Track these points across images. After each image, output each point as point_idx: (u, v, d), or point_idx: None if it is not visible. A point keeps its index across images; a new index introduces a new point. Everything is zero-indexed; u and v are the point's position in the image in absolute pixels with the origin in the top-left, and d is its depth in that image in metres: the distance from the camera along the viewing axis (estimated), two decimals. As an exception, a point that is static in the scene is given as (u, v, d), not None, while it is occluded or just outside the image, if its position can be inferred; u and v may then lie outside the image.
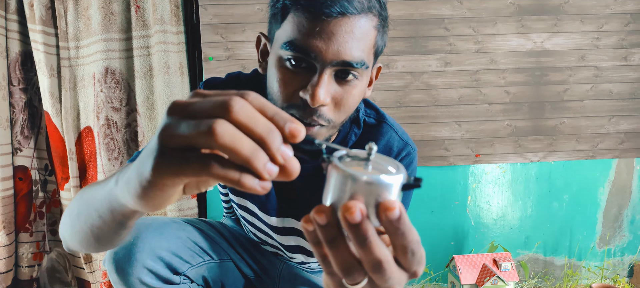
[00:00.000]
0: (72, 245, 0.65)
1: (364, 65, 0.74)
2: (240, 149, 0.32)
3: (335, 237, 0.36)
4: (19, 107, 1.72)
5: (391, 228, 0.35)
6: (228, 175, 0.33)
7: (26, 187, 1.75)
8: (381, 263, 0.36)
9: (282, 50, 0.73)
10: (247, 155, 0.33)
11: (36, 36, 1.64)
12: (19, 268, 1.77)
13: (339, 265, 0.37)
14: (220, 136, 0.32)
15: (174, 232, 0.95)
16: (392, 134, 0.91)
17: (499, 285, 1.66)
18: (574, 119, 1.92)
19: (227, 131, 0.32)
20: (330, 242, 0.36)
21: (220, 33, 1.77)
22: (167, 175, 0.35)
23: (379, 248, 0.35)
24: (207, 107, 0.34)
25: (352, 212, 0.34)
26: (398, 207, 0.34)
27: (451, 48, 1.85)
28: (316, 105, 0.71)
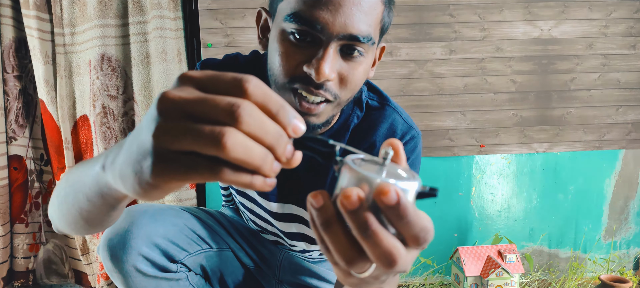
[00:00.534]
0: (61, 227, 0.63)
1: (370, 41, 0.71)
2: (252, 160, 0.32)
3: (329, 220, 0.35)
4: (13, 95, 1.69)
5: (394, 216, 0.33)
6: (240, 180, 0.32)
7: (21, 177, 1.73)
8: (390, 255, 0.33)
9: (285, 23, 0.70)
10: (258, 164, 0.32)
11: (30, 22, 1.60)
12: (14, 260, 1.75)
13: (339, 252, 0.35)
14: (232, 150, 0.31)
15: (170, 218, 0.93)
16: (396, 116, 0.88)
17: (503, 277, 1.64)
18: (581, 108, 1.89)
19: (239, 143, 0.31)
20: (324, 224, 0.35)
21: (219, 19, 1.73)
22: (173, 180, 0.33)
23: (385, 237, 0.33)
24: (211, 113, 0.32)
25: (349, 196, 0.33)
26: (393, 191, 0.32)
27: (456, 35, 1.81)
28: (321, 80, 0.69)
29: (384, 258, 0.33)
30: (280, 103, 0.34)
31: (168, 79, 1.64)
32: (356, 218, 0.33)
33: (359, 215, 0.33)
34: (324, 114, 0.76)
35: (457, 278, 1.74)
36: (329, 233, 0.35)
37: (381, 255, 0.33)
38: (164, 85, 1.64)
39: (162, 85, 1.64)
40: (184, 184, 0.34)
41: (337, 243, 0.35)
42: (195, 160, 0.32)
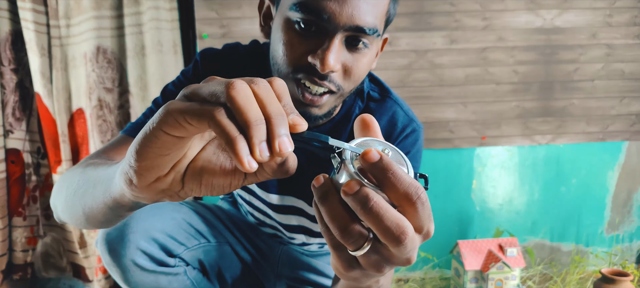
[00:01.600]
0: (63, 217, 0.63)
1: (376, 33, 0.71)
2: (247, 111, 0.33)
3: (326, 192, 0.37)
4: (9, 88, 1.68)
5: (380, 175, 0.35)
6: (227, 127, 0.33)
7: (19, 171, 1.72)
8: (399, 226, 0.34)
9: (291, 12, 0.69)
10: (251, 120, 0.33)
11: (26, 14, 1.58)
12: (13, 253, 1.75)
13: (334, 222, 0.36)
14: (236, 91, 0.33)
15: (168, 213, 0.93)
16: (397, 109, 0.88)
17: (504, 271, 1.63)
18: (584, 99, 1.87)
19: (243, 90, 0.33)
20: (322, 197, 0.36)
21: (215, 9, 1.71)
22: (173, 115, 0.34)
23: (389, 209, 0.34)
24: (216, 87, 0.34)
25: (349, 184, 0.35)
26: (374, 150, 0.35)
27: (457, 24, 1.78)
28: (326, 71, 0.68)
29: (392, 229, 0.34)
30: (289, 100, 0.36)
31: (164, 71, 1.63)
32: (357, 197, 0.34)
33: (360, 193, 0.34)
34: (326, 105, 0.75)
35: (457, 273, 1.73)
36: (325, 205, 0.36)
37: (388, 227, 0.34)
38: (160, 77, 1.63)
39: (157, 77, 1.63)
40: (182, 128, 0.34)
41: (332, 212, 0.36)
42: (193, 104, 0.34)
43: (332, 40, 0.68)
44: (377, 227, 0.34)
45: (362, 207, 0.34)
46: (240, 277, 1.06)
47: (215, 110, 0.33)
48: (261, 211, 1.00)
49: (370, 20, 0.69)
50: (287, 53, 0.72)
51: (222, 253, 1.02)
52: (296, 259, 1.09)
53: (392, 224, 0.34)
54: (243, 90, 0.33)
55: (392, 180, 0.35)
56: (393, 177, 0.35)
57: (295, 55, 0.71)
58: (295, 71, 0.72)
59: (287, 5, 0.71)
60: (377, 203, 0.34)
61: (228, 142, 0.32)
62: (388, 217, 0.34)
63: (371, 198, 0.34)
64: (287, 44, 0.71)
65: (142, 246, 0.86)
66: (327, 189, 0.37)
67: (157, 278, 0.90)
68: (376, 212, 0.34)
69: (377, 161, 0.35)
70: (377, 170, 0.35)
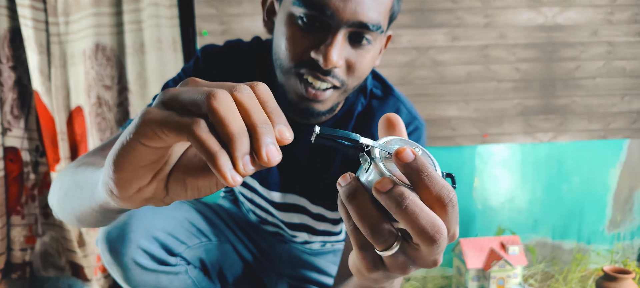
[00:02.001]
0: (60, 216, 0.62)
1: (379, 29, 0.71)
2: (229, 123, 0.31)
3: (355, 191, 0.35)
4: (8, 86, 1.66)
5: (413, 174, 0.34)
6: (207, 141, 0.31)
7: (17, 169, 1.71)
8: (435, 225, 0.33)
9: (294, 7, 0.69)
10: (232, 132, 0.31)
11: (24, 11, 1.57)
12: (11, 252, 1.74)
13: (364, 221, 0.35)
14: (217, 101, 0.30)
15: (169, 211, 0.92)
16: (400, 106, 0.87)
17: (506, 269, 1.62)
18: (586, 97, 1.86)
19: (225, 100, 0.31)
20: (350, 196, 0.35)
21: (214, 6, 1.70)
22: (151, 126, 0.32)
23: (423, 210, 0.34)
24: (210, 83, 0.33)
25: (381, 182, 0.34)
26: (409, 150, 0.34)
27: (459, 22, 1.78)
28: (329, 67, 0.68)
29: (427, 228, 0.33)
30: (277, 107, 0.34)
31: (163, 68, 1.62)
32: (391, 195, 0.33)
33: (395, 191, 0.33)
34: (329, 101, 0.75)
35: (459, 271, 1.72)
36: (354, 204, 0.35)
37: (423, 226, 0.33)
38: (159, 74, 1.62)
39: (157, 75, 1.62)
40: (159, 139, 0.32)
41: (361, 211, 0.35)
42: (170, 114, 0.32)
43: (336, 36, 0.68)
44: (411, 226, 0.34)
45: (397, 205, 0.33)
46: (242, 276, 1.05)
47: (194, 124, 0.31)
48: (263, 209, 1.00)
49: (373, 16, 0.69)
50: (289, 48, 0.71)
51: (223, 252, 1.02)
52: (297, 258, 1.08)
53: (428, 223, 0.33)
54: (225, 100, 0.31)
55: (425, 182, 0.34)
56: (427, 179, 0.34)
57: (298, 51, 0.71)
58: (298, 66, 0.72)
59: (291, 1, 0.70)
60: (413, 201, 0.33)
61: (208, 157, 0.30)
62: (423, 216, 0.33)
63: (407, 196, 0.33)
64: (290, 39, 0.71)
65: (142, 245, 0.86)
66: (356, 187, 0.36)
67: (158, 277, 0.89)
68: (412, 210, 0.33)
69: (412, 161, 0.34)
70: (411, 171, 0.34)
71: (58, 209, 0.60)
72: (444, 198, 0.34)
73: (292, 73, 0.73)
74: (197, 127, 0.31)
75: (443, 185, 0.34)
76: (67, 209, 0.55)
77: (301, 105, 0.75)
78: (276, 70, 0.77)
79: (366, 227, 0.35)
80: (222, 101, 0.31)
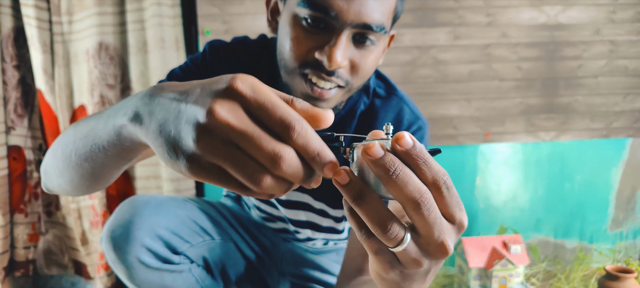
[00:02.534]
0: (58, 185, 0.62)
1: (383, 30, 0.71)
2: (275, 195, 0.37)
3: (361, 192, 0.36)
4: (11, 85, 1.67)
5: (411, 160, 0.35)
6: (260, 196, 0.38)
7: (21, 167, 1.72)
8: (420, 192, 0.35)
9: (298, 8, 0.70)
10: (278, 196, 0.37)
11: (28, 11, 1.58)
12: (15, 250, 1.75)
13: (374, 220, 0.36)
14: (263, 189, 0.35)
15: (173, 210, 0.93)
16: (403, 106, 0.88)
17: (508, 268, 1.62)
18: (588, 96, 1.86)
19: (269, 185, 0.35)
20: (357, 198, 0.36)
21: (217, 5, 1.70)
22: (202, 179, 0.36)
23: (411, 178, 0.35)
24: (256, 154, 0.34)
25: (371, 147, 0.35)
26: (407, 135, 0.35)
27: (461, 21, 1.78)
28: (333, 68, 0.69)
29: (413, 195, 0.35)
30: (318, 149, 0.35)
31: (166, 67, 1.62)
32: (382, 162, 0.35)
33: (385, 160, 0.35)
34: (333, 100, 0.76)
35: (461, 270, 1.72)
36: (363, 206, 0.36)
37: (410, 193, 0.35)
38: (162, 73, 1.62)
39: (160, 74, 1.62)
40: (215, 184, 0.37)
41: (370, 211, 0.36)
42: (227, 176, 0.35)
43: (340, 37, 0.68)
44: (400, 193, 0.35)
45: (387, 172, 0.35)
46: (244, 275, 1.05)
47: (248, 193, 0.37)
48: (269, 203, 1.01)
49: (377, 17, 0.69)
50: (294, 49, 0.72)
51: (227, 251, 1.02)
52: (300, 257, 1.09)
53: (415, 189, 0.35)
54: (269, 185, 0.35)
55: (423, 169, 0.35)
56: (425, 166, 0.35)
57: (302, 51, 0.71)
58: (302, 67, 0.72)
59: (295, 1, 0.71)
60: (403, 170, 0.35)
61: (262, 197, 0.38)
62: (412, 182, 0.35)
63: (397, 163, 0.35)
64: (294, 40, 0.72)
65: (147, 243, 0.86)
66: (360, 188, 0.36)
67: (161, 275, 0.89)
68: (402, 178, 0.34)
69: (411, 148, 0.35)
70: (408, 157, 0.35)
71: (59, 172, 0.59)
72: (438, 180, 0.36)
73: (296, 73, 0.73)
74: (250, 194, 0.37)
75: (438, 169, 0.36)
76: (81, 165, 0.54)
77: None
78: (281, 70, 0.77)
79: (376, 226, 0.36)
80: (266, 190, 0.35)
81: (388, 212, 0.36)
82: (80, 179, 0.57)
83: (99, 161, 0.51)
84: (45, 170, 0.65)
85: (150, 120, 0.39)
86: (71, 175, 0.58)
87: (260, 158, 0.34)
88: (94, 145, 0.50)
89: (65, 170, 0.58)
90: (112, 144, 0.47)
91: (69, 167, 0.57)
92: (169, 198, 0.96)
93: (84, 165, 0.54)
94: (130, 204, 0.89)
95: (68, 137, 0.57)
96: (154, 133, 0.38)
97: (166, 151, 0.37)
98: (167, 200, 0.94)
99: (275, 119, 0.34)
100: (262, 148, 0.33)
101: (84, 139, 0.52)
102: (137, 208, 0.87)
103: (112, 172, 0.55)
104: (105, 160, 0.50)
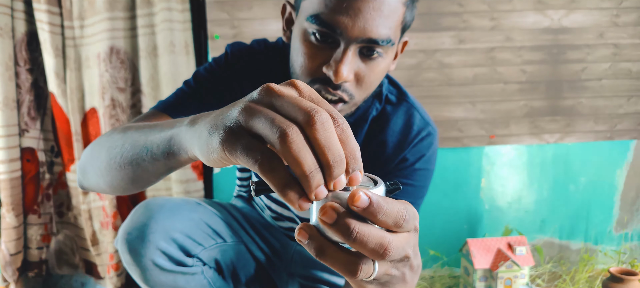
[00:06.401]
0: (95, 182, 0.66)
1: (389, 43, 0.72)
2: (302, 163, 0.33)
3: (321, 247, 0.36)
4: (25, 88, 1.70)
5: (370, 215, 0.35)
6: (274, 179, 0.34)
7: (34, 169, 1.75)
8: (381, 246, 0.35)
9: (307, 23, 0.72)
10: (305, 172, 0.33)
11: (41, 16, 1.61)
12: (28, 250, 1.77)
13: (342, 269, 0.37)
14: (289, 144, 0.33)
15: (187, 213, 0.94)
16: (414, 112, 0.90)
17: (513, 269, 1.63)
18: (592, 99, 1.87)
19: (297, 142, 0.33)
20: (319, 252, 0.36)
21: (226, 10, 1.72)
22: (229, 153, 0.36)
23: (370, 232, 0.35)
24: (292, 110, 0.34)
25: (325, 212, 0.34)
26: (362, 193, 0.34)
27: (465, 25, 1.79)
28: (339, 82, 0.71)
29: (376, 250, 0.35)
30: (355, 147, 0.35)
31: (176, 71, 1.64)
32: (338, 227, 0.34)
33: (340, 223, 0.34)
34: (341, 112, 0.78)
35: (467, 271, 1.73)
36: (326, 258, 0.36)
37: (373, 249, 0.35)
38: (172, 77, 1.64)
39: (169, 77, 1.65)
40: (233, 161, 0.37)
41: (337, 261, 0.36)
42: (253, 143, 0.34)
43: (346, 52, 0.70)
44: (363, 249, 0.35)
45: (345, 235, 0.34)
46: (254, 276, 1.07)
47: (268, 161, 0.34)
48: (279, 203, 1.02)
49: (383, 32, 0.70)
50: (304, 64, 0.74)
51: (237, 253, 1.03)
52: (309, 258, 1.10)
53: (377, 246, 0.35)
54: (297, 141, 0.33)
55: (382, 219, 0.35)
56: (384, 216, 0.35)
57: (312, 67, 0.73)
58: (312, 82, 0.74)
59: (304, 16, 0.73)
60: (359, 231, 0.34)
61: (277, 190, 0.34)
62: (371, 239, 0.35)
63: (353, 227, 0.34)
64: (305, 56, 0.74)
65: (161, 246, 0.88)
66: (320, 244, 0.36)
67: (175, 277, 0.91)
68: (361, 239, 0.35)
69: (368, 205, 0.34)
70: (366, 214, 0.35)
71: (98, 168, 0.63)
72: (399, 222, 0.36)
73: None
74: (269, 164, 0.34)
75: (397, 214, 0.36)
76: (123, 164, 0.58)
77: None
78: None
79: (345, 273, 0.37)
80: (293, 143, 0.33)
81: (353, 257, 0.37)
82: (121, 181, 0.61)
83: (144, 165, 0.54)
84: (83, 169, 0.68)
85: (206, 119, 0.41)
86: (113, 176, 0.61)
87: (295, 113, 0.34)
88: (144, 148, 0.53)
89: (106, 170, 0.61)
90: (160, 150, 0.50)
91: (112, 168, 0.60)
92: (183, 202, 0.98)
93: (128, 168, 0.57)
94: (145, 207, 0.90)
95: (115, 141, 0.61)
96: (203, 125, 0.40)
97: (207, 131, 0.38)
98: (181, 204, 0.96)
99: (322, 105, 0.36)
100: (300, 104, 0.34)
101: (134, 143, 0.56)
102: (152, 212, 0.89)
103: (151, 178, 0.58)
104: (150, 166, 0.53)
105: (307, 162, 0.33)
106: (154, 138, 0.51)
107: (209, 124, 0.39)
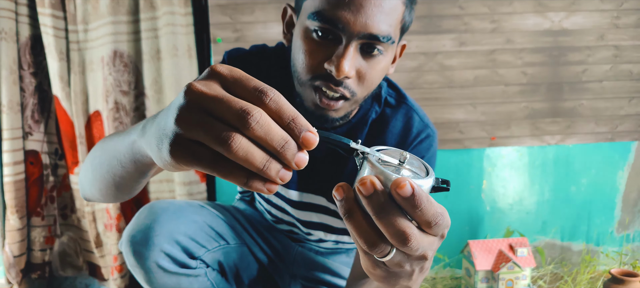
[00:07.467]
0: (91, 194, 0.69)
1: (390, 40, 0.73)
2: (253, 162, 0.35)
3: (351, 209, 0.38)
4: (29, 91, 1.71)
5: (408, 206, 0.36)
6: (236, 178, 0.36)
7: (37, 171, 1.76)
8: (404, 234, 0.37)
9: (309, 21, 0.73)
10: (259, 167, 0.35)
11: (45, 20, 1.62)
12: (31, 252, 1.79)
13: (360, 237, 0.39)
14: (235, 151, 0.34)
15: (190, 215, 0.95)
16: (413, 114, 0.90)
17: (515, 271, 1.64)
18: (593, 100, 1.87)
19: (241, 146, 0.34)
20: (347, 213, 0.38)
21: (228, 14, 1.73)
22: (182, 163, 0.37)
23: (398, 217, 0.37)
24: (225, 112, 0.35)
25: (364, 184, 0.37)
26: (408, 184, 0.36)
27: (466, 27, 1.80)
28: (340, 77, 0.71)
29: (398, 235, 0.37)
30: (293, 115, 0.36)
31: (179, 74, 1.66)
32: (372, 203, 0.37)
33: (374, 199, 0.36)
34: (341, 110, 0.79)
35: (468, 272, 1.74)
36: (351, 221, 0.38)
37: (395, 233, 0.37)
38: (175, 80, 1.65)
39: (172, 80, 1.66)
40: (195, 168, 0.37)
41: (359, 229, 0.38)
42: (201, 151, 0.35)
43: (347, 48, 0.71)
44: (386, 229, 0.37)
45: (375, 211, 0.37)
46: (257, 278, 1.07)
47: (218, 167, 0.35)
48: (279, 208, 1.02)
49: (384, 28, 0.71)
50: (306, 61, 0.75)
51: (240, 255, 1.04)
52: (311, 260, 1.10)
53: (399, 229, 0.37)
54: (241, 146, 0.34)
55: (418, 214, 0.37)
56: (420, 213, 0.37)
57: (313, 64, 0.74)
58: (314, 79, 0.75)
59: (306, 15, 0.74)
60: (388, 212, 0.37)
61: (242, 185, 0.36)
62: (397, 223, 0.37)
63: (385, 207, 0.37)
64: (306, 52, 0.75)
65: (165, 248, 0.88)
66: (351, 207, 0.38)
67: (179, 279, 0.92)
68: (387, 219, 0.37)
69: (410, 196, 0.36)
70: (405, 203, 0.36)
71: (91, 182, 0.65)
72: (431, 222, 0.38)
73: (307, 85, 0.76)
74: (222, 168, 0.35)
75: (433, 213, 0.37)
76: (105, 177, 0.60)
77: (317, 113, 0.79)
78: (294, 81, 0.81)
79: (364, 243, 0.39)
80: (239, 149, 0.34)
81: (375, 230, 0.38)
82: (107, 189, 0.63)
83: (118, 173, 0.57)
84: (81, 181, 0.71)
85: (151, 126, 0.43)
86: (99, 186, 0.64)
87: (229, 117, 0.34)
88: (113, 158, 0.56)
89: (94, 181, 0.65)
90: (127, 158, 0.52)
91: (96, 178, 0.64)
92: (187, 204, 0.98)
93: (107, 176, 0.60)
94: (150, 210, 0.91)
95: (96, 152, 0.65)
96: (151, 135, 0.41)
97: (155, 144, 0.39)
98: (184, 206, 0.97)
99: (249, 88, 0.36)
100: (230, 107, 0.34)
101: (107, 154, 0.59)
102: (156, 215, 0.90)
103: (131, 184, 0.59)
104: (123, 173, 0.56)
105: (257, 159, 0.35)
106: (120, 147, 0.54)
107: (154, 135, 0.40)
